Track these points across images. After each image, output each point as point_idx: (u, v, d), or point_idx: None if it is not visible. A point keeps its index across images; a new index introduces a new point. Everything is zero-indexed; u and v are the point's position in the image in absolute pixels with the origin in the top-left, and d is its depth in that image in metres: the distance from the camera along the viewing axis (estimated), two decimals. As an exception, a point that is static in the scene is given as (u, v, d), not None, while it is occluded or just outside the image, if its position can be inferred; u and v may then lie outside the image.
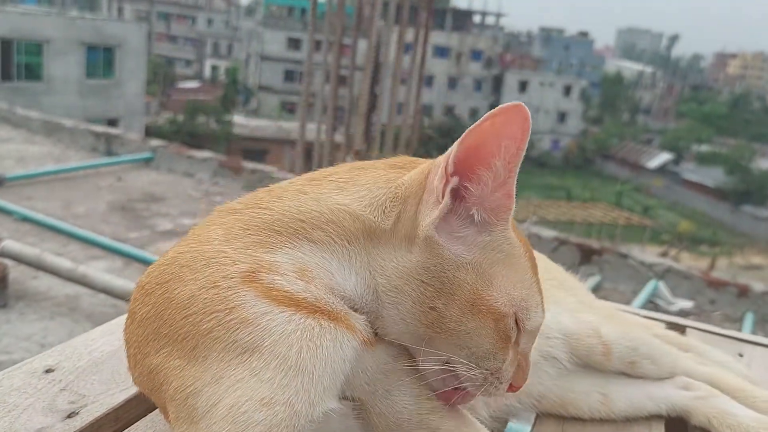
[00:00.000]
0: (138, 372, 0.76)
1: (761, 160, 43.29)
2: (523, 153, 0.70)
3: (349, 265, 0.73)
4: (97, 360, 1.10)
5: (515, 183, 0.72)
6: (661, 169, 43.05)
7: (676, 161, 45.08)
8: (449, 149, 0.71)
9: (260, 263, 0.69)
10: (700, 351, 1.34)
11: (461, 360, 0.75)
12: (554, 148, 45.94)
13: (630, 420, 1.13)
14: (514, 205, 0.73)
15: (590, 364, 1.12)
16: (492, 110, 0.68)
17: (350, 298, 0.73)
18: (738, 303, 4.79)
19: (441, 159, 0.72)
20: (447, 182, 0.70)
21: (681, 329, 1.54)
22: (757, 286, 4.91)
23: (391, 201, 0.74)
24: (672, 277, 5.01)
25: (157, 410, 1.01)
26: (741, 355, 1.45)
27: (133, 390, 1.02)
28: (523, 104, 0.68)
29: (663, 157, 44.46)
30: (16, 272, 4.16)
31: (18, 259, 4.03)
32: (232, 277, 0.68)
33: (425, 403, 0.80)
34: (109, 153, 7.35)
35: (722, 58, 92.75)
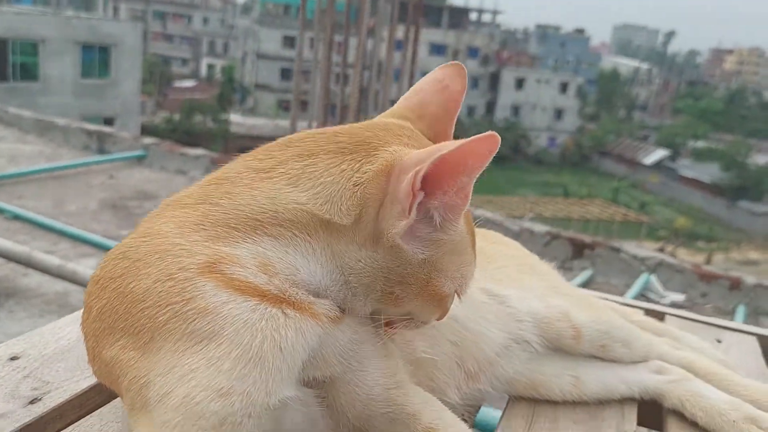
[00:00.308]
0: (97, 365, 0.75)
1: (757, 155, 43.34)
2: (485, 166, 0.71)
3: (314, 257, 0.72)
4: (63, 348, 1.09)
5: (472, 185, 0.73)
6: (658, 166, 43.10)
7: (673, 157, 45.13)
8: (417, 159, 0.69)
9: (220, 255, 0.68)
10: (676, 336, 1.33)
11: (404, 318, 0.80)
12: (551, 145, 45.95)
13: (602, 403, 1.12)
14: (469, 201, 0.74)
15: (561, 347, 1.12)
16: (466, 140, 0.68)
17: (315, 290, 0.72)
18: (730, 296, 4.79)
19: (406, 166, 0.70)
20: (414, 198, 0.69)
21: (660, 316, 1.53)
22: (750, 279, 4.92)
23: (348, 199, 0.71)
24: (664, 271, 5.01)
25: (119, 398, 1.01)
26: (719, 341, 1.45)
27: (98, 376, 1.01)
28: (496, 134, 0.68)
29: (659, 154, 44.50)
30: (5, 270, 4.14)
31: (7, 257, 4.02)
32: (189, 269, 0.67)
33: (392, 379, 0.81)
34: (102, 151, 7.32)
35: (718, 54, 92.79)
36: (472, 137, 0.67)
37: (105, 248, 4.63)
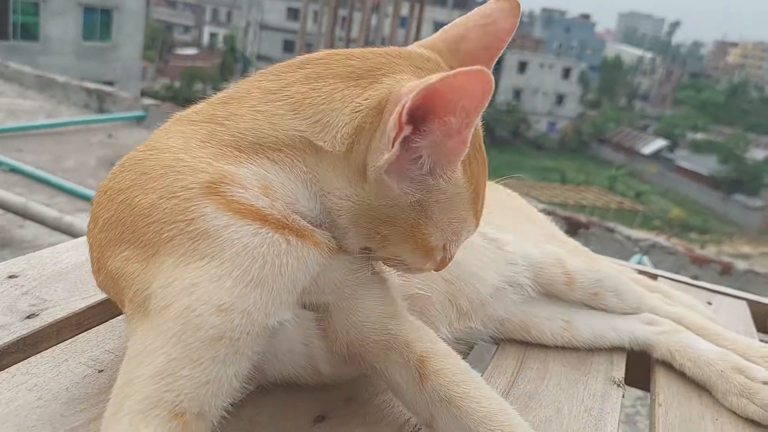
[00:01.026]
0: (102, 276, 0.76)
1: (755, 150, 43.35)
2: (481, 111, 0.66)
3: (309, 187, 0.72)
4: (61, 270, 1.10)
5: (471, 133, 0.67)
6: (656, 156, 43.09)
7: (671, 148, 45.12)
8: (405, 91, 0.66)
9: (222, 173, 0.68)
10: (668, 293, 1.35)
11: (395, 259, 0.79)
12: (551, 130, 45.88)
13: (592, 350, 1.14)
14: (467, 149, 0.69)
15: (553, 293, 1.13)
16: (451, 71, 0.63)
17: (312, 221, 0.73)
18: (720, 280, 4.82)
19: (400, 95, 0.66)
20: (400, 131, 0.65)
21: (653, 277, 1.55)
22: (741, 265, 4.95)
23: (344, 127, 0.70)
24: (657, 253, 5.04)
25: (118, 317, 1.02)
26: (710, 303, 1.47)
27: (96, 298, 1.02)
28: (486, 70, 0.63)
29: (658, 144, 44.48)
30: (2, 221, 4.15)
31: (4, 207, 4.02)
32: (191, 188, 0.67)
33: (387, 308, 0.81)
34: (101, 110, 7.30)
35: (722, 47, 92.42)
36: (460, 69, 0.63)
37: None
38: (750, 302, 1.53)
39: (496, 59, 0.83)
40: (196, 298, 0.64)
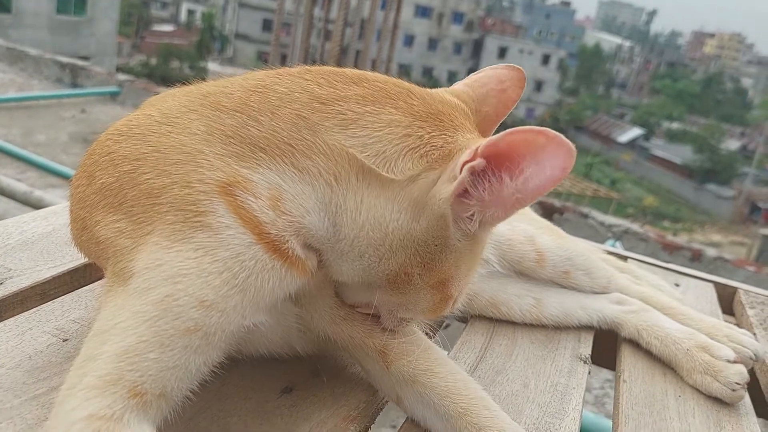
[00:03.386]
0: (85, 236, 0.74)
1: (729, 140, 43.92)
2: (544, 192, 0.68)
3: (327, 205, 0.70)
4: (27, 240, 1.08)
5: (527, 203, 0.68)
6: (631, 144, 43.49)
7: (647, 137, 45.55)
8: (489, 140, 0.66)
9: (237, 177, 0.67)
10: (637, 274, 1.36)
11: (390, 309, 0.79)
12: (529, 116, 46.02)
13: (560, 328, 1.15)
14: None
15: (524, 270, 1.14)
16: (550, 131, 0.63)
17: (314, 237, 0.71)
18: (691, 266, 4.88)
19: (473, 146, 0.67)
20: (473, 158, 0.65)
21: (623, 259, 1.56)
22: (710, 252, 5.02)
23: (404, 161, 0.69)
24: (629, 239, 5.09)
25: (84, 288, 1.00)
26: (677, 285, 1.49)
27: (62, 268, 1.01)
28: (573, 148, 0.64)
29: (634, 132, 44.87)
30: (-31, 195, 4.07)
31: (-28, 180, 3.94)
32: (208, 183, 0.66)
33: (341, 311, 0.83)
34: (75, 85, 7.17)
35: (700, 37, 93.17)
36: (526, 128, 0.63)
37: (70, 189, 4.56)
38: (716, 284, 1.55)
39: (500, 123, 0.85)
40: (182, 288, 0.63)
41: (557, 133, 0.63)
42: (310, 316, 0.82)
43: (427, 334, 0.88)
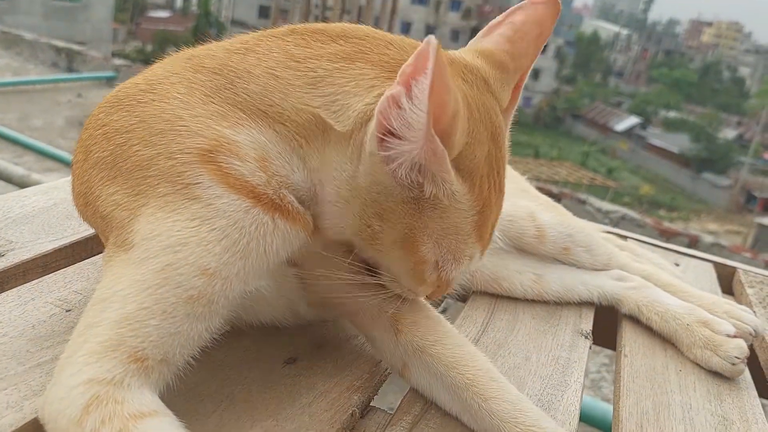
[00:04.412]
0: (90, 211, 0.74)
1: (726, 129, 43.94)
2: (438, 100, 0.60)
3: (304, 164, 0.70)
4: (28, 213, 1.08)
5: (439, 145, 0.62)
6: (628, 132, 43.45)
7: (644, 125, 45.50)
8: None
9: (219, 140, 0.67)
10: (637, 252, 1.36)
11: (385, 274, 0.77)
12: (526, 104, 45.93)
13: (561, 304, 1.15)
14: (450, 154, 0.65)
15: (524, 246, 1.14)
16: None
17: (302, 197, 0.72)
18: (688, 252, 4.91)
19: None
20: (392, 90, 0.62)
21: (623, 238, 1.57)
22: (707, 238, 5.03)
23: (357, 111, 0.68)
24: (626, 225, 5.10)
25: (86, 260, 1.00)
26: (677, 265, 1.49)
27: (63, 241, 1.01)
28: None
29: (631, 121, 44.82)
30: (-34, 178, 4.05)
31: (-32, 163, 3.93)
32: (188, 152, 0.66)
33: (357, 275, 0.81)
34: (70, 69, 7.14)
35: (697, 26, 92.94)
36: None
37: (71, 164, 4.54)
38: (716, 264, 1.55)
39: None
40: (182, 257, 0.63)
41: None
42: (315, 283, 0.82)
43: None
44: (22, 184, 3.75)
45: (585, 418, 2.00)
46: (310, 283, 0.82)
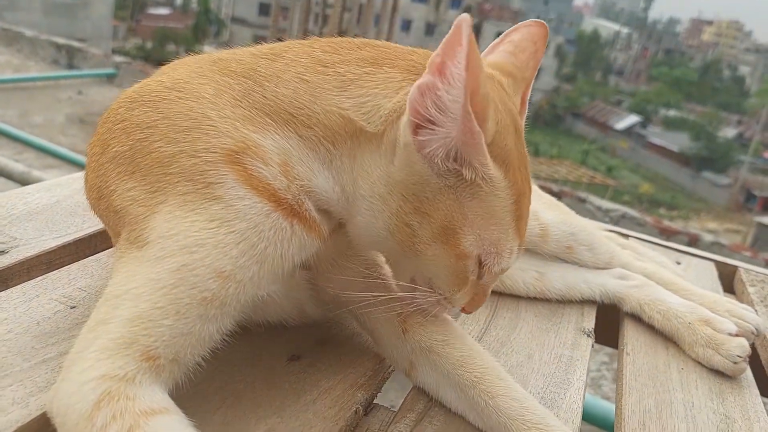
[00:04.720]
0: (103, 205, 0.74)
1: (726, 128, 43.95)
2: (473, 79, 0.61)
3: (329, 168, 0.71)
4: (32, 210, 1.08)
5: (475, 124, 0.63)
6: (628, 131, 43.44)
7: (644, 124, 45.48)
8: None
9: (246, 143, 0.68)
10: (639, 251, 1.37)
11: (421, 284, 0.76)
12: (525, 102, 45.82)
13: (563, 302, 1.15)
14: (485, 138, 0.65)
15: (527, 245, 1.14)
16: (464, 28, 0.59)
17: (326, 199, 0.72)
18: (688, 251, 4.91)
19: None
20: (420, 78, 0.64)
21: (624, 237, 1.57)
22: (707, 237, 5.04)
23: (388, 111, 0.69)
24: (626, 223, 5.11)
25: (90, 257, 1.00)
26: (678, 263, 1.49)
27: (67, 238, 1.01)
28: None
29: (631, 119, 44.81)
30: (-33, 175, 4.05)
31: (-31, 161, 3.93)
32: (214, 152, 0.67)
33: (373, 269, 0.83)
34: (71, 66, 7.13)
35: (698, 24, 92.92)
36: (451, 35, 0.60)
37: (72, 161, 4.55)
38: (717, 263, 1.56)
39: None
40: (198, 258, 0.64)
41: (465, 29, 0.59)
42: (325, 282, 0.83)
43: None
44: (22, 181, 3.75)
45: (586, 416, 2.01)
46: (322, 286, 0.83)
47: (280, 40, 0.80)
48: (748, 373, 1.04)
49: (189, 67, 0.76)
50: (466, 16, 0.59)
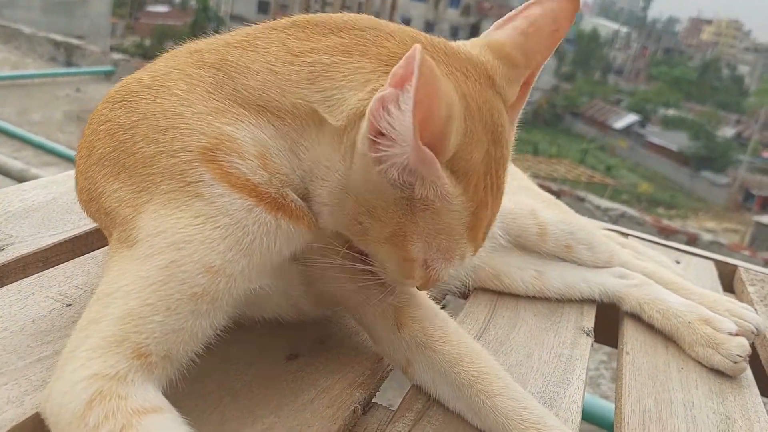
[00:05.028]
0: (94, 207, 0.73)
1: (725, 127, 43.99)
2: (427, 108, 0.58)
3: (300, 158, 0.70)
4: (28, 207, 1.08)
5: (423, 150, 0.60)
6: (627, 130, 43.45)
7: (643, 123, 45.49)
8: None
9: (220, 138, 0.67)
10: (638, 250, 1.36)
11: (376, 265, 0.76)
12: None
13: (562, 301, 1.15)
14: (443, 157, 0.63)
15: (526, 244, 1.14)
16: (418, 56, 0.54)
17: (299, 190, 0.71)
18: (686, 250, 4.91)
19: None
20: (381, 91, 0.60)
21: (624, 236, 1.56)
22: (706, 236, 5.04)
23: (351, 106, 0.66)
24: (625, 222, 5.11)
25: (87, 255, 1.00)
26: (678, 263, 1.49)
27: (64, 236, 1.00)
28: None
29: (630, 119, 44.82)
30: (-36, 172, 4.04)
31: (-33, 158, 3.92)
32: (190, 150, 0.66)
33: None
34: (69, 64, 7.12)
35: (697, 23, 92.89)
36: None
37: (70, 159, 4.54)
38: (717, 262, 1.55)
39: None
40: (186, 254, 0.63)
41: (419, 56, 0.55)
42: (319, 279, 0.82)
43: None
44: (20, 178, 3.74)
45: (585, 416, 2.00)
46: (313, 278, 0.82)
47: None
48: (748, 372, 1.03)
49: (167, 60, 0.75)
50: (418, 47, 0.55)
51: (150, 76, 0.73)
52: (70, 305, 0.85)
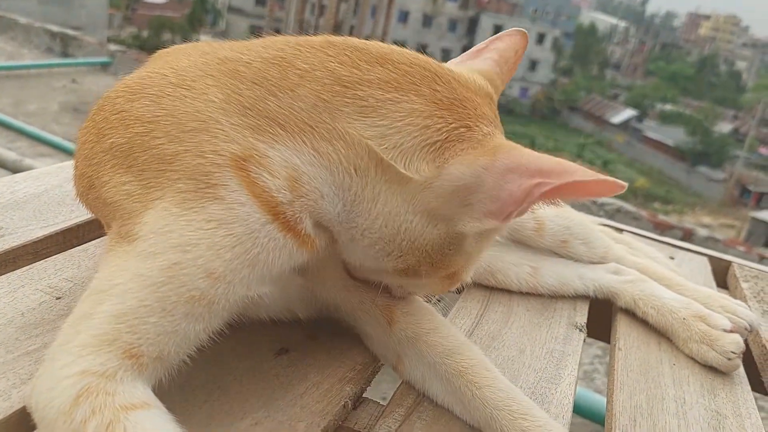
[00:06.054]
0: (93, 195, 0.72)
1: (722, 123, 44.04)
2: None
3: (344, 192, 0.68)
4: (19, 199, 1.07)
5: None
6: (624, 125, 43.51)
7: (640, 118, 45.56)
8: (537, 168, 0.64)
9: (252, 151, 0.66)
10: (633, 245, 1.36)
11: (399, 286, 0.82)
12: (522, 95, 45.91)
13: (556, 297, 1.15)
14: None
15: (522, 239, 1.13)
16: (602, 177, 0.65)
17: (326, 219, 0.70)
18: (682, 245, 4.92)
19: (520, 169, 0.65)
20: (523, 207, 0.65)
21: (618, 231, 1.56)
22: (702, 232, 5.04)
23: (422, 160, 0.67)
24: (621, 217, 5.11)
25: (77, 247, 0.99)
26: (672, 258, 1.49)
27: (54, 228, 1.00)
28: (625, 186, 0.66)
29: (627, 113, 44.88)
30: (-41, 163, 4.02)
31: (-39, 148, 3.90)
32: (222, 155, 0.65)
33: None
34: (65, 54, 7.09)
35: (695, 19, 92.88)
36: (608, 178, 0.65)
37: (65, 150, 4.53)
38: (711, 258, 1.55)
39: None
40: (191, 257, 0.62)
41: (606, 179, 0.65)
42: (317, 285, 0.83)
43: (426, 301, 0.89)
44: (15, 169, 3.73)
45: (578, 409, 2.01)
46: (317, 291, 0.84)
47: (277, 31, 0.78)
48: (740, 369, 1.03)
49: (193, 60, 0.72)
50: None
51: (176, 73, 0.71)
52: (59, 298, 0.84)
